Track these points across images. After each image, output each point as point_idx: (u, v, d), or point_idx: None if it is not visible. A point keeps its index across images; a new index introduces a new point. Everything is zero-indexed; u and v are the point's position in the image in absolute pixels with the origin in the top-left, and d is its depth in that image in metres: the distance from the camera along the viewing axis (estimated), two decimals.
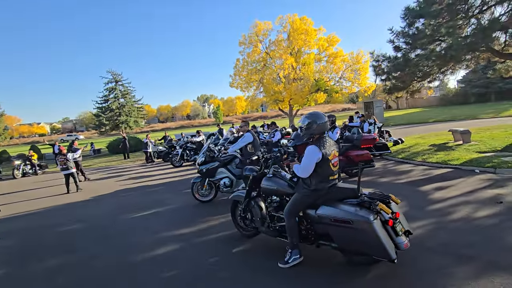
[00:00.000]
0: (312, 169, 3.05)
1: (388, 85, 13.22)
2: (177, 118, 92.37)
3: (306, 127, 3.28)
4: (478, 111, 26.10)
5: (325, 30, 27.92)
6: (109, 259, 3.99)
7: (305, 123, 3.29)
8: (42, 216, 6.72)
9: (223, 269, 3.42)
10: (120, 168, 14.39)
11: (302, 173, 3.11)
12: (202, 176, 6.16)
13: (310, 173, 3.07)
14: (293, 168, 3.29)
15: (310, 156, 3.08)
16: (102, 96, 40.88)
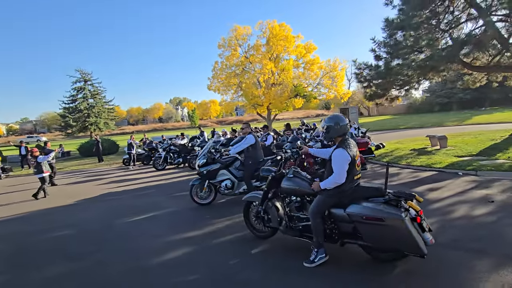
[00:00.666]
0: (346, 172, 3.08)
1: (369, 92, 13.80)
2: (149, 121, 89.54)
3: (327, 130, 3.32)
4: (443, 119, 28.07)
5: (303, 38, 28.67)
6: (117, 265, 3.73)
7: (325, 127, 3.34)
8: (25, 221, 6.15)
9: (245, 270, 3.33)
10: (96, 172, 13.62)
11: (340, 179, 3.08)
12: (202, 178, 6.00)
13: (346, 176, 3.08)
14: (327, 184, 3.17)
15: (341, 160, 3.10)
16: (69, 96, 38.69)
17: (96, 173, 13.04)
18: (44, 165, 8.44)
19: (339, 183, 3.11)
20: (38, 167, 8.33)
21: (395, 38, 12.15)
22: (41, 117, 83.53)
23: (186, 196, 7.06)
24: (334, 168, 3.13)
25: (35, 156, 8.47)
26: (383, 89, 12.76)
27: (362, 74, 13.60)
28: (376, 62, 13.14)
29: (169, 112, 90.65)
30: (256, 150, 5.87)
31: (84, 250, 4.31)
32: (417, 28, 10.65)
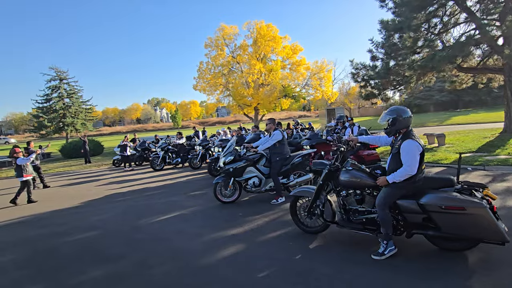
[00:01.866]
0: (418, 163, 3.05)
1: (365, 91, 14.11)
2: (126, 122, 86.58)
3: (391, 123, 3.28)
4: (423, 120, 29.36)
5: (290, 39, 28.93)
6: (164, 266, 3.46)
7: (389, 119, 3.30)
8: (40, 224, 5.64)
9: (315, 264, 3.21)
10: (88, 173, 12.88)
11: (412, 170, 3.04)
12: (227, 176, 5.80)
13: (417, 167, 3.06)
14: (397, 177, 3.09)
15: (413, 151, 3.07)
16: (43, 95, 36.43)
17: (89, 175, 12.33)
18: (25, 168, 7.59)
19: (411, 174, 3.07)
20: (18, 170, 7.52)
21: (393, 39, 12.54)
22: (7, 117, 78.36)
23: (203, 195, 6.89)
24: (405, 160, 3.09)
25: (16, 157, 7.61)
26: (380, 89, 13.10)
27: (359, 74, 13.94)
28: (373, 63, 13.52)
29: (147, 113, 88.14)
30: (284, 146, 5.76)
31: (119, 252, 3.99)
32: (416, 29, 11.04)
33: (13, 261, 3.98)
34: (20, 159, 7.54)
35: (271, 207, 5.46)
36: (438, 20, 11.89)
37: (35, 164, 9.81)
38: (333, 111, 29.95)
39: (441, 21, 11.76)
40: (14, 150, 7.71)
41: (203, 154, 11.68)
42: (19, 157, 7.58)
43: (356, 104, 51.52)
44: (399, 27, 11.87)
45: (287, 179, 5.81)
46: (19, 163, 7.48)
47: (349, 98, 52.16)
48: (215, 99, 31.44)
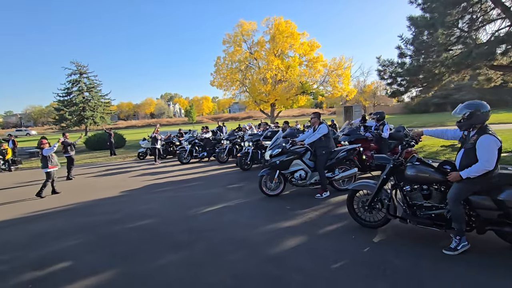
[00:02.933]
0: (495, 158, 3.04)
1: (391, 89, 13.94)
2: (140, 116, 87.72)
3: (468, 117, 3.25)
4: (442, 119, 28.77)
5: (308, 35, 28.70)
6: (238, 254, 3.56)
7: (466, 113, 3.26)
8: (89, 212, 5.82)
9: (388, 257, 3.25)
10: (115, 165, 13.18)
11: (489, 165, 3.03)
12: (273, 169, 5.86)
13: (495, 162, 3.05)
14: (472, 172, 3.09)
15: (491, 146, 3.05)
16: (64, 89, 37.28)
17: (117, 166, 12.61)
18: (50, 159, 7.58)
19: (489, 169, 3.06)
20: (43, 161, 7.54)
21: (422, 36, 12.33)
22: (26, 110, 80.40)
23: (241, 188, 7.00)
24: (483, 155, 3.07)
25: (42, 148, 7.65)
26: (409, 87, 12.91)
27: (386, 71, 13.77)
28: (401, 60, 13.32)
29: (161, 108, 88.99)
30: (329, 140, 5.78)
31: (184, 239, 4.11)
32: (450, 26, 10.82)
33: (83, 245, 4.15)
34: (46, 150, 7.57)
35: (317, 201, 5.51)
36: (469, 17, 11.62)
37: (70, 155, 10.04)
38: (350, 109, 29.66)
39: (474, 18, 11.49)
40: (41, 141, 7.79)
41: (230, 148, 11.79)
42: (45, 148, 7.63)
43: (371, 102, 50.79)
44: (431, 24, 11.66)
45: (332, 173, 5.84)
46: (45, 153, 7.52)
47: (364, 96, 51.48)
48: (231, 95, 31.55)
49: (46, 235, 4.65)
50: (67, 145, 9.92)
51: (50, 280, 3.23)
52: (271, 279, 2.97)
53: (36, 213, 5.97)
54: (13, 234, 4.84)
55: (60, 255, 3.84)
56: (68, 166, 10.03)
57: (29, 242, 4.41)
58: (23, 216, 5.81)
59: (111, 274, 3.28)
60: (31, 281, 3.22)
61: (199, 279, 3.08)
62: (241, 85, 29.75)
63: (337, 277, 2.93)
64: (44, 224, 5.23)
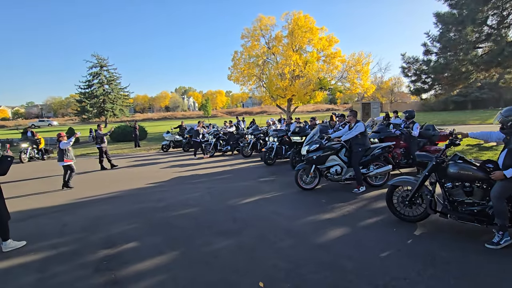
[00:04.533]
0: None
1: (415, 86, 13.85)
2: (155, 109, 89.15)
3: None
4: (463, 117, 28.16)
5: (327, 30, 28.45)
6: (288, 241, 3.83)
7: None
8: (134, 200, 6.20)
9: (434, 249, 3.45)
10: (141, 156, 13.70)
11: None
12: (309, 164, 6.10)
13: None
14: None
15: None
16: (85, 81, 38.37)
17: (144, 158, 13.11)
18: (66, 153, 7.56)
19: None
20: (59, 154, 7.53)
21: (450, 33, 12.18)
22: (47, 101, 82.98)
23: (273, 182, 7.27)
24: None
25: (60, 141, 7.59)
26: (434, 84, 12.83)
27: (411, 69, 13.68)
28: (427, 57, 13.21)
29: (175, 101, 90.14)
30: (365, 137, 5.96)
31: (233, 227, 4.42)
32: (481, 23, 10.68)
33: (139, 229, 4.52)
34: (62, 143, 7.52)
35: (351, 195, 5.72)
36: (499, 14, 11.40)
37: (100, 146, 10.37)
38: (368, 105, 29.43)
39: (505, 15, 11.27)
40: (60, 134, 7.76)
41: (254, 143, 12.07)
42: (62, 141, 7.58)
43: (388, 99, 50.09)
44: (459, 20, 11.52)
45: (366, 169, 6.02)
46: (62, 147, 7.50)
47: (381, 92, 50.76)
48: (248, 90, 31.73)
49: (101, 219, 5.05)
50: (99, 136, 10.34)
51: (122, 257, 3.59)
52: (325, 264, 3.23)
53: (82, 200, 6.42)
54: (67, 218, 5.25)
55: (123, 236, 4.22)
56: (103, 157, 10.47)
57: (87, 225, 4.81)
58: (71, 202, 6.26)
59: (174, 255, 3.61)
60: (104, 258, 3.59)
61: (254, 262, 3.36)
62: (258, 80, 29.86)
63: (388, 264, 3.16)
64: (95, 209, 5.65)
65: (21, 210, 5.82)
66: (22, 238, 4.25)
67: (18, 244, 4.06)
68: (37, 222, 5.11)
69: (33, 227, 4.88)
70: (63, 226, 4.81)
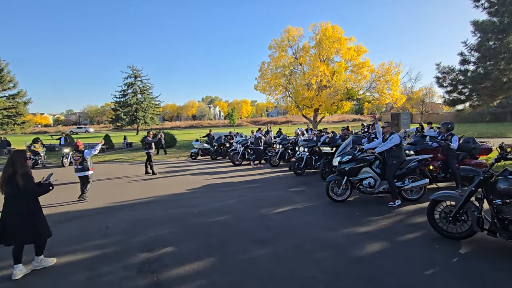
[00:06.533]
0: None
1: (450, 97, 13.30)
2: (183, 118, 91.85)
3: None
4: (502, 130, 26.36)
5: (355, 40, 28.13)
6: (325, 253, 3.79)
7: None
8: (170, 206, 6.41)
9: (482, 269, 3.27)
10: (171, 164, 14.12)
11: None
12: (341, 175, 6.01)
13: None
14: None
15: None
16: (121, 91, 40.51)
17: (174, 165, 13.51)
18: (89, 161, 7.17)
19: None
20: (84, 164, 6.99)
21: (491, 42, 11.65)
22: (84, 109, 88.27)
23: (303, 192, 7.25)
24: None
25: (81, 150, 7.07)
26: (472, 95, 12.24)
27: (446, 79, 13.17)
28: (464, 67, 12.67)
29: (202, 110, 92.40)
30: (401, 150, 5.79)
31: (267, 236, 4.44)
32: None
33: (177, 234, 4.66)
34: (88, 151, 7.10)
35: (387, 209, 5.55)
36: None
37: (149, 151, 10.72)
38: (398, 116, 28.48)
39: None
40: (76, 144, 7.24)
41: (282, 152, 12.07)
42: (86, 150, 7.15)
43: (418, 109, 48.22)
44: (500, 29, 11.00)
45: (401, 183, 5.84)
46: (87, 156, 7.05)
47: (411, 103, 48.97)
48: (274, 99, 31.95)
49: (139, 223, 5.27)
50: (148, 142, 10.80)
51: (161, 261, 3.72)
52: (365, 278, 3.16)
53: (120, 204, 6.74)
54: (108, 220, 5.53)
55: (161, 241, 4.37)
56: (148, 162, 10.80)
57: (127, 228, 5.04)
58: (111, 206, 6.59)
59: (212, 261, 3.69)
60: (145, 261, 3.74)
61: (291, 272, 3.35)
62: (284, 90, 30.02)
63: (434, 282, 3.03)
64: (133, 214, 5.90)
65: (67, 211, 6.21)
66: (69, 237, 4.54)
67: (49, 262, 3.74)
68: (82, 223, 5.42)
69: (78, 227, 5.19)
70: (106, 228, 5.07)
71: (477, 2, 12.22)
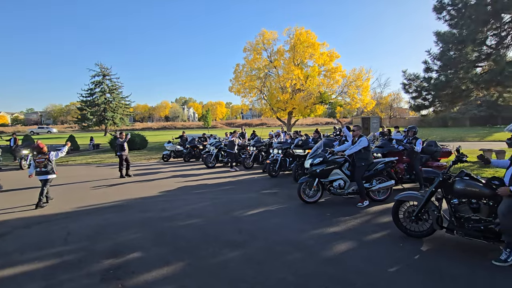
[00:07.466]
0: None
1: (415, 103, 14.07)
2: (155, 118, 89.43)
3: None
4: (462, 134, 28.35)
5: (328, 45, 28.96)
6: (296, 255, 3.82)
7: None
8: (140, 209, 6.16)
9: (441, 265, 3.45)
10: (143, 166, 13.67)
11: None
12: (313, 177, 6.12)
13: None
14: None
15: None
16: (87, 89, 38.67)
17: (145, 167, 13.08)
18: (54, 164, 6.75)
19: None
20: (48, 166, 6.57)
21: (451, 52, 12.47)
22: (47, 108, 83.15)
23: (276, 194, 7.29)
24: None
25: (44, 152, 6.61)
26: (435, 101, 13.02)
27: (411, 85, 13.92)
28: (427, 74, 13.46)
29: (175, 111, 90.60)
30: (369, 152, 6.02)
31: (238, 238, 4.41)
32: (480, 43, 10.96)
33: (144, 238, 4.49)
34: (54, 153, 6.72)
35: (355, 209, 5.72)
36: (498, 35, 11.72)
37: (121, 154, 10.11)
38: (368, 120, 29.68)
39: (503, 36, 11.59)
40: (38, 145, 6.70)
41: (255, 154, 12.10)
42: (51, 152, 6.74)
43: (387, 114, 50.61)
44: (460, 40, 11.81)
45: (369, 184, 6.06)
46: (55, 158, 6.71)
47: (380, 108, 51.33)
48: (249, 102, 32.03)
49: (105, 228, 5.02)
50: (120, 144, 10.16)
51: (127, 267, 3.56)
52: (334, 278, 3.22)
53: (85, 208, 6.37)
54: (71, 226, 5.21)
55: (128, 246, 4.19)
56: (121, 165, 10.19)
57: (91, 234, 4.78)
58: (73, 211, 6.22)
59: (181, 265, 3.59)
60: (110, 268, 3.56)
61: (261, 275, 3.35)
62: (259, 92, 30.18)
63: (397, 279, 3.16)
64: (98, 219, 5.61)
65: (26, 217, 5.79)
66: (26, 245, 4.22)
67: None
68: (41, 230, 5.06)
69: (37, 234, 4.84)
70: (68, 234, 4.77)
71: (440, 14, 13.07)
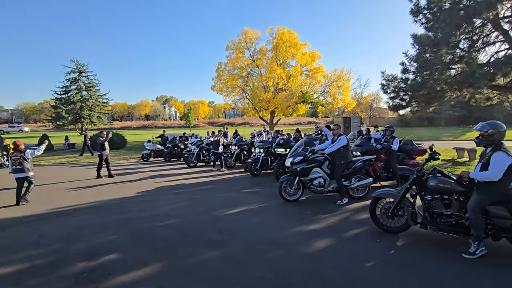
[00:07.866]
0: (501, 172, 3.41)
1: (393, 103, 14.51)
2: (135, 117, 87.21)
3: (489, 134, 3.61)
4: (438, 133, 29.54)
5: (310, 46, 29.30)
6: (276, 253, 3.83)
7: (488, 131, 3.62)
8: (117, 210, 5.96)
9: (413, 258, 3.57)
10: (122, 166, 13.30)
11: (494, 176, 3.42)
12: (293, 175, 6.17)
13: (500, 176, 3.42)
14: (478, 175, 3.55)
15: (502, 162, 3.42)
16: (62, 87, 37.09)
17: (124, 167, 12.72)
18: (29, 163, 6.72)
19: (492, 179, 3.43)
20: (23, 164, 6.55)
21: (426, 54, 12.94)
22: (18, 106, 79.17)
23: (257, 193, 7.30)
24: (492, 167, 3.44)
25: (20, 150, 6.59)
26: (411, 101, 13.48)
27: (390, 86, 14.34)
28: (405, 75, 13.91)
29: (156, 110, 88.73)
30: (348, 151, 6.14)
31: (218, 238, 4.37)
32: (454, 46, 11.44)
33: (121, 240, 4.36)
34: (30, 152, 6.75)
35: (335, 207, 5.83)
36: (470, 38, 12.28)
37: (101, 153, 9.78)
38: (349, 120, 30.37)
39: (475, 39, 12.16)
40: (16, 143, 6.66)
41: (237, 153, 12.06)
42: (28, 150, 6.76)
43: (367, 114, 51.90)
44: (435, 43, 12.27)
45: (348, 182, 6.17)
46: (31, 156, 6.76)
47: (361, 107, 52.55)
48: (231, 101, 31.92)
49: (79, 230, 4.83)
50: (101, 143, 9.77)
51: (103, 270, 3.44)
52: (313, 275, 3.26)
53: (59, 210, 6.11)
54: (43, 228, 4.99)
55: (103, 248, 4.05)
56: (100, 165, 9.93)
57: (64, 236, 4.59)
58: (46, 212, 5.95)
59: (159, 266, 3.52)
60: (84, 271, 3.43)
61: (241, 274, 3.33)
62: (241, 91, 30.12)
63: (374, 274, 3.24)
64: (72, 220, 5.40)
65: None
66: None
67: None
68: (11, 233, 4.81)
69: (6, 237, 4.60)
70: (40, 237, 4.56)
71: (416, 17, 13.51)
